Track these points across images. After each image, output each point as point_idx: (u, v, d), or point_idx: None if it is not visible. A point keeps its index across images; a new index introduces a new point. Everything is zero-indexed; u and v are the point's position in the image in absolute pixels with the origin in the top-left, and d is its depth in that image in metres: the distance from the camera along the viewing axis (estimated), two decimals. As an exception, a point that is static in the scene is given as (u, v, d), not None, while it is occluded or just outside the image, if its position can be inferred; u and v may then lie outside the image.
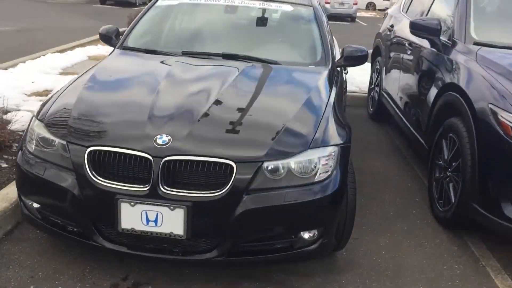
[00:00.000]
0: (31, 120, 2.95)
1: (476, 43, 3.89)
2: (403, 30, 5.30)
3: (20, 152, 2.83)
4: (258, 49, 3.79)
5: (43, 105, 3.04)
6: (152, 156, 2.49)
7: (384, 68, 6.00)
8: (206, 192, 2.48)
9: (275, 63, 3.63)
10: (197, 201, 2.46)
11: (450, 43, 4.08)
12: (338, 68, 3.95)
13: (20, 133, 4.27)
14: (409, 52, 5.02)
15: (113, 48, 3.93)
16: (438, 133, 3.84)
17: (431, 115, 4.02)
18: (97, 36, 4.58)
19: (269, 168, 2.55)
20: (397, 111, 5.20)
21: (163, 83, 3.10)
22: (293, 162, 2.60)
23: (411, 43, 4.98)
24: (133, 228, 2.51)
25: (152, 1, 4.30)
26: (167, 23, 4.14)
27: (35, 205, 2.77)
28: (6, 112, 4.78)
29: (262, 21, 4.13)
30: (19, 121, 4.52)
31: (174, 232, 2.49)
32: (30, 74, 6.61)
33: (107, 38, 4.02)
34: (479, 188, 3.19)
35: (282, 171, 2.58)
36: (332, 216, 2.74)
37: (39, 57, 7.84)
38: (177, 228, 2.48)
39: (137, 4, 22.96)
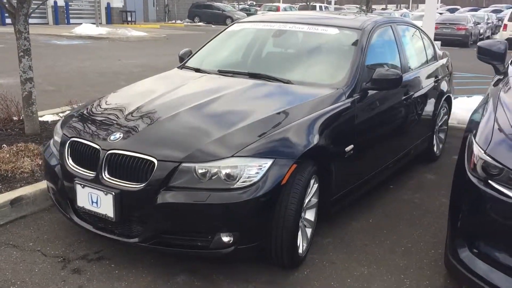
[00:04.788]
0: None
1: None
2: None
3: (49, 142, 3.65)
4: (281, 70, 3.97)
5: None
6: (101, 148, 3.00)
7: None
8: (131, 182, 2.88)
9: (288, 82, 3.77)
10: (123, 190, 2.88)
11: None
12: (371, 92, 3.82)
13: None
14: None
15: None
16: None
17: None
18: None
19: (188, 168, 2.81)
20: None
21: (162, 94, 3.59)
22: (214, 167, 2.81)
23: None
24: (84, 207, 3.05)
25: (223, 29, 4.82)
26: (221, 46, 4.61)
27: (48, 183, 3.54)
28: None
29: (300, 44, 4.28)
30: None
31: (108, 214, 2.95)
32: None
33: (182, 59, 4.70)
34: (449, 228, 2.82)
35: (201, 172, 2.80)
36: (248, 224, 2.83)
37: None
38: (109, 211, 2.93)
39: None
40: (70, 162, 3.16)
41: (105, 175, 2.96)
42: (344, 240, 3.63)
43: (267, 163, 2.86)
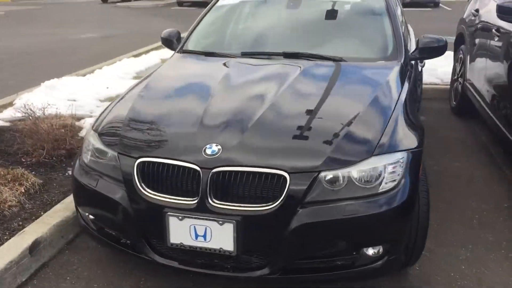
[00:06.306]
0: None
1: None
2: (491, 14, 4.79)
3: (77, 163, 2.81)
4: (322, 46, 3.54)
5: (99, 116, 3.00)
6: (200, 168, 2.34)
7: (469, 57, 5.49)
8: (257, 205, 2.30)
9: (340, 60, 3.36)
10: (247, 216, 2.28)
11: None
12: (413, 61, 3.61)
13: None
14: (496, 38, 4.52)
15: (173, 52, 3.86)
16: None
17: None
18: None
19: (327, 178, 2.31)
20: (484, 104, 4.72)
21: (217, 89, 2.96)
22: (354, 171, 2.35)
23: (499, 29, 4.48)
24: (181, 243, 2.38)
25: (212, 2, 4.17)
26: (227, 24, 3.99)
27: (91, 216, 2.73)
28: (78, 119, 4.88)
29: (326, 15, 3.86)
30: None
31: (224, 248, 2.33)
32: (105, 79, 6.77)
33: (169, 42, 3.96)
34: None
35: (342, 181, 2.33)
36: (400, 230, 2.46)
37: (115, 62, 8.04)
38: (227, 243, 2.32)
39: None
40: (147, 190, 2.42)
41: (213, 201, 2.32)
42: (417, 223, 3.41)
43: (403, 157, 2.48)
